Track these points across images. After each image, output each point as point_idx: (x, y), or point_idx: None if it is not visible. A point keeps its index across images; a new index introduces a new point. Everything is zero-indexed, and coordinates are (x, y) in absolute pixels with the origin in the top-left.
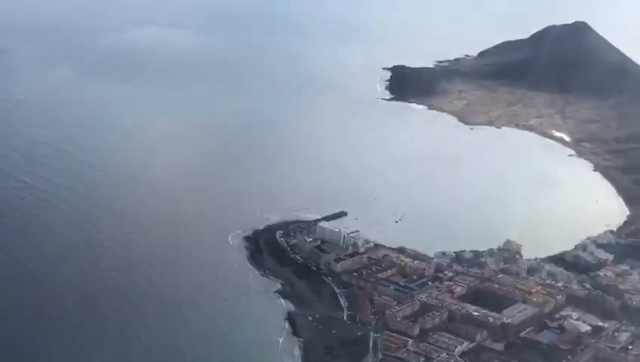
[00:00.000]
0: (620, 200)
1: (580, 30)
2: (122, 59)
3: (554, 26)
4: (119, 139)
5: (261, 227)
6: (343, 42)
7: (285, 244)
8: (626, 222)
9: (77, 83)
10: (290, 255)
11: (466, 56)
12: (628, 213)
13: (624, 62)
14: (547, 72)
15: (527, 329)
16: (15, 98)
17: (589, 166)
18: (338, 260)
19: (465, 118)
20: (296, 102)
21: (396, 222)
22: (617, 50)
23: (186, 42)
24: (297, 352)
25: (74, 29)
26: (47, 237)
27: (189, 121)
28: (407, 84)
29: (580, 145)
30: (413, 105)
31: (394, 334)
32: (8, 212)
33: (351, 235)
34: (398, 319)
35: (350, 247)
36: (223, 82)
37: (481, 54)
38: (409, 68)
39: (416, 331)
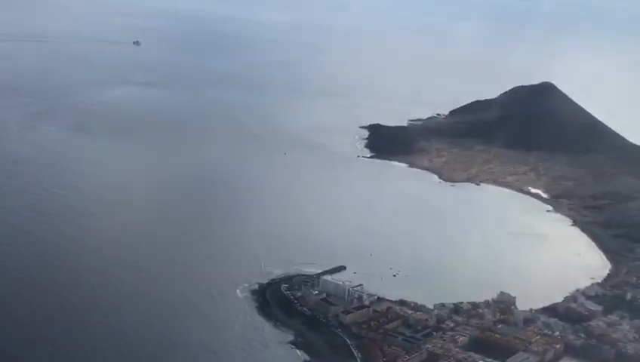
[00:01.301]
0: (601, 253)
1: (546, 90)
2: (108, 118)
3: (522, 87)
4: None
5: (265, 281)
6: (315, 100)
7: (291, 297)
8: (609, 275)
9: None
10: (297, 307)
11: (438, 115)
12: (610, 266)
13: (591, 121)
14: (518, 130)
15: None
16: None
17: (568, 221)
18: (347, 312)
19: (445, 175)
20: (281, 160)
21: (394, 276)
22: (583, 110)
23: (164, 101)
24: None
25: (55, 90)
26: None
27: (178, 179)
28: (385, 142)
29: (557, 201)
30: (394, 162)
31: None
32: None
33: (355, 288)
34: None
35: (355, 300)
36: (203, 139)
37: (452, 113)
38: (385, 126)
39: None
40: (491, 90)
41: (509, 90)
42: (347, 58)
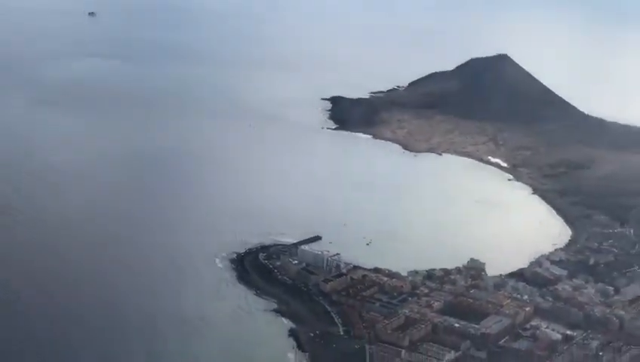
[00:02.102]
0: (561, 220)
1: (501, 62)
2: (69, 91)
3: (477, 58)
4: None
5: (242, 250)
6: (274, 73)
7: (270, 266)
8: (570, 241)
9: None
10: (277, 276)
11: (398, 87)
12: (570, 232)
13: (545, 91)
14: (476, 101)
15: (505, 339)
16: None
17: (528, 189)
18: (326, 281)
19: (408, 145)
20: (247, 132)
21: (367, 244)
22: (536, 80)
23: (125, 74)
24: None
25: (10, 62)
26: None
27: (145, 153)
28: (348, 114)
29: (517, 170)
30: (359, 134)
31: (386, 345)
32: None
33: (333, 258)
34: (389, 331)
35: (333, 269)
36: (167, 113)
37: (411, 85)
38: (348, 99)
39: (406, 342)
40: (447, 63)
41: (465, 62)
42: (301, 31)
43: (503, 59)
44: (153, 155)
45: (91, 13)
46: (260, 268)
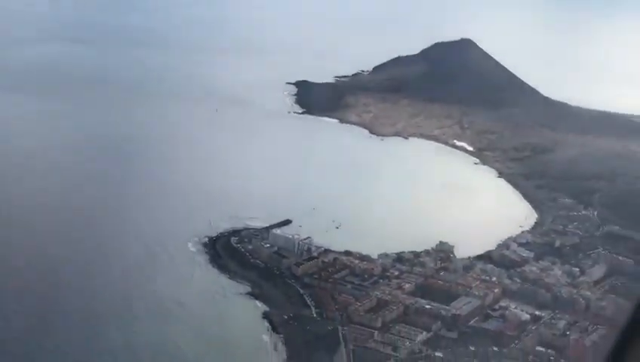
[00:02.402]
0: (527, 203)
1: (465, 46)
2: (33, 75)
3: (441, 43)
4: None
5: (214, 234)
6: (236, 57)
7: (243, 250)
8: (536, 223)
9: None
10: (250, 260)
11: (362, 71)
12: (536, 215)
13: (509, 76)
14: (440, 85)
15: (475, 319)
16: None
17: (494, 173)
18: (298, 264)
19: (375, 129)
20: (214, 116)
21: (337, 228)
22: (500, 65)
23: (87, 59)
24: (281, 347)
25: None
26: None
27: (111, 138)
28: (314, 98)
29: (482, 154)
30: (326, 118)
31: (359, 327)
32: None
33: (304, 241)
34: (361, 313)
35: (304, 252)
36: (132, 97)
37: (376, 69)
38: (313, 83)
39: (379, 323)
40: (411, 47)
41: (430, 47)
42: (262, 15)
43: (467, 44)
44: (119, 141)
45: None
46: (232, 251)
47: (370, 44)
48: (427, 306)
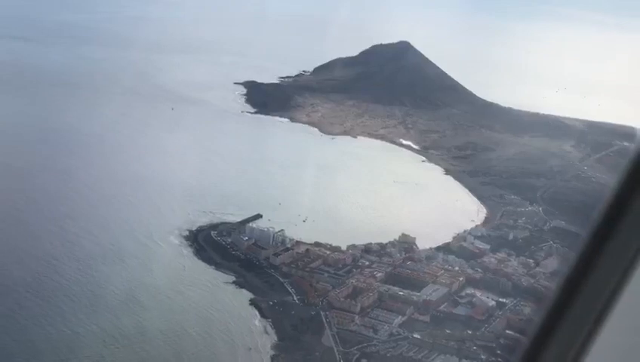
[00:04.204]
0: (475, 199)
1: (403, 49)
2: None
3: (380, 45)
4: None
5: (193, 228)
6: (181, 56)
7: (223, 243)
8: (487, 218)
9: None
10: (231, 251)
11: (304, 72)
12: (485, 210)
13: (445, 77)
14: (381, 86)
15: (444, 305)
16: None
17: (441, 170)
18: (277, 255)
19: (324, 128)
20: (170, 115)
21: (303, 221)
22: (437, 67)
23: (33, 56)
24: (270, 330)
25: None
26: None
27: (71, 134)
28: (264, 98)
29: (428, 152)
30: (277, 118)
31: (340, 311)
32: None
33: (278, 234)
34: (341, 299)
35: (279, 244)
36: (85, 95)
37: (317, 70)
38: (261, 83)
39: (358, 308)
40: (349, 49)
41: (369, 49)
42: (201, 15)
43: (404, 46)
44: (79, 139)
45: None
46: (213, 244)
47: (310, 46)
48: (399, 293)
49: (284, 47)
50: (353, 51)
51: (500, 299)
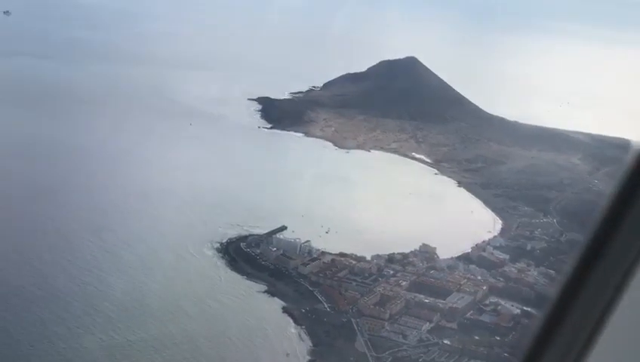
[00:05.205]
0: (489, 210)
1: (411, 64)
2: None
3: (387, 61)
4: None
5: (224, 241)
6: (196, 73)
7: (253, 254)
8: (503, 229)
9: None
10: (261, 262)
11: (314, 87)
12: (500, 221)
13: (451, 92)
14: (390, 101)
15: (470, 312)
16: None
17: (454, 183)
18: (305, 265)
19: (338, 143)
20: (190, 131)
21: (326, 232)
22: (443, 82)
23: (55, 73)
24: (305, 336)
25: None
26: None
27: (97, 153)
28: (278, 113)
29: (440, 165)
30: (292, 133)
31: (370, 318)
32: None
33: (305, 244)
34: (370, 307)
35: (306, 254)
36: (107, 112)
37: (327, 86)
38: (274, 99)
39: (386, 315)
40: (356, 65)
41: (377, 64)
42: (211, 31)
43: (412, 62)
44: (106, 154)
45: (6, 12)
46: (244, 255)
47: (317, 62)
48: (425, 300)
49: (291, 62)
50: (361, 67)
51: (524, 308)
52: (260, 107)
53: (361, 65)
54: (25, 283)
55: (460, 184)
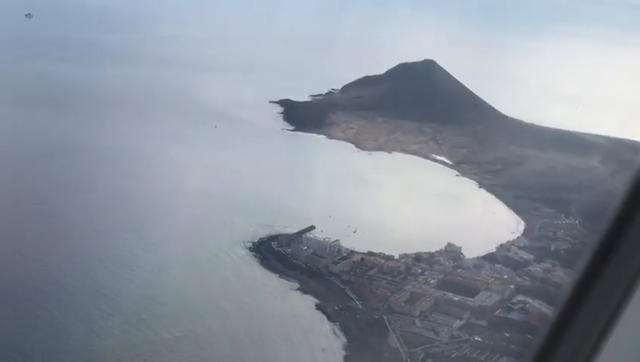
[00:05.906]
0: (511, 211)
1: (429, 67)
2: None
3: (405, 63)
4: None
5: (255, 240)
6: (216, 76)
7: (284, 253)
8: (526, 230)
9: None
10: (292, 261)
11: (333, 90)
12: (523, 222)
13: (468, 94)
14: (409, 103)
15: (499, 310)
16: None
17: (475, 184)
18: (335, 263)
19: (360, 144)
20: (215, 133)
21: (354, 232)
22: (460, 84)
23: (81, 77)
24: (339, 333)
25: None
26: None
27: (126, 155)
28: (299, 116)
29: (460, 167)
30: (315, 135)
31: (401, 315)
32: None
33: (334, 244)
34: (401, 304)
35: (336, 253)
36: (131, 113)
37: (346, 88)
38: (295, 101)
39: (417, 312)
40: (375, 68)
41: (395, 67)
42: (229, 35)
43: (430, 64)
44: (137, 157)
45: (28, 15)
46: (275, 254)
47: (334, 64)
48: (454, 298)
49: (308, 65)
50: (378, 70)
51: (552, 307)
52: (281, 109)
53: (379, 68)
54: (69, 280)
55: (481, 185)
